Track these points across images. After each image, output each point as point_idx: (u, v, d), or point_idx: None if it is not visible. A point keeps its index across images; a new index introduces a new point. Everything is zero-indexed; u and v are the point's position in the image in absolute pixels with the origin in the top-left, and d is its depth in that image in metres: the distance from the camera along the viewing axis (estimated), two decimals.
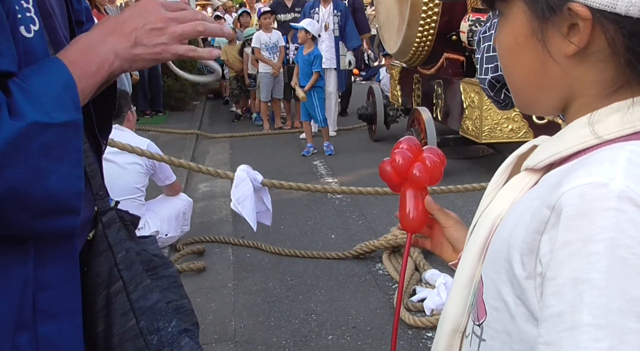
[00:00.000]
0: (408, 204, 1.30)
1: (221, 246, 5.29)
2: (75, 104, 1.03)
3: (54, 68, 1.04)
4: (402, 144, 1.33)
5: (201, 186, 7.18)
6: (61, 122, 0.99)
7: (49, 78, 1.02)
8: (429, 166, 1.29)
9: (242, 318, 4.04)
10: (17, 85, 0.98)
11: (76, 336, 1.15)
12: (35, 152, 0.96)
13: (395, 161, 1.30)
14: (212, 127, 10.79)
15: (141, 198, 4.64)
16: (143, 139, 4.63)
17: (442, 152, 1.36)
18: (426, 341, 3.66)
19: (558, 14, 0.80)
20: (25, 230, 1.03)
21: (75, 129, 1.03)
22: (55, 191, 1.00)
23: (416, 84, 8.17)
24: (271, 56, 10.28)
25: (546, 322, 0.72)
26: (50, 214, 1.02)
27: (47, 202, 1.00)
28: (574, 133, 0.83)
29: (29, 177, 0.96)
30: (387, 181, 1.32)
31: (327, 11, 9.78)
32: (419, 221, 1.30)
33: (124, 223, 1.30)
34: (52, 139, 0.98)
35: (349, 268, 4.74)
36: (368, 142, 9.19)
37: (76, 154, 1.03)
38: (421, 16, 6.92)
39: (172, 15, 1.13)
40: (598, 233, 0.69)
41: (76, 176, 1.04)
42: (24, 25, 1.04)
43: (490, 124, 6.36)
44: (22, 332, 1.05)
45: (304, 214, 6.04)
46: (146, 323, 1.26)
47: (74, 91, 1.03)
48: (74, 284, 1.14)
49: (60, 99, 1.01)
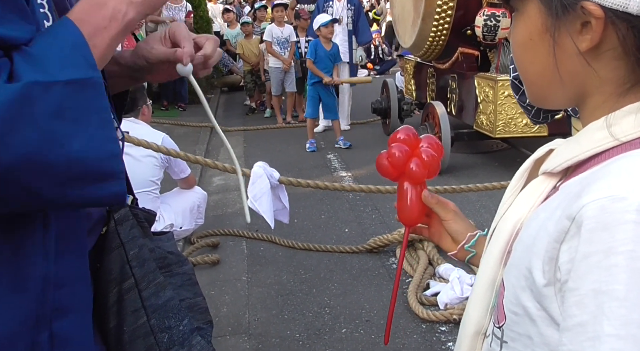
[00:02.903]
0: (405, 197, 1.30)
1: (235, 239, 5.31)
2: (89, 61, 0.97)
3: (61, 28, 0.99)
4: (400, 134, 1.32)
5: (215, 179, 7.21)
6: (69, 80, 0.93)
7: (54, 39, 0.97)
8: (426, 160, 1.28)
9: (256, 311, 4.06)
10: (20, 50, 0.94)
11: (87, 333, 1.15)
12: (43, 115, 0.90)
13: (392, 155, 1.29)
14: (226, 121, 10.80)
15: (156, 191, 4.67)
16: (158, 133, 4.66)
17: (439, 142, 1.35)
18: (439, 336, 3.66)
19: (571, 12, 0.81)
20: (60, 201, 0.98)
21: (93, 87, 0.96)
22: (80, 154, 0.94)
23: (430, 79, 8.15)
24: (282, 51, 10.28)
25: (569, 331, 0.74)
26: (83, 182, 0.96)
27: (74, 168, 0.94)
28: (590, 136, 0.84)
29: (42, 142, 0.90)
30: (385, 175, 1.32)
31: (341, 5, 9.76)
32: (416, 215, 1.30)
33: (138, 220, 1.29)
34: (63, 99, 0.92)
35: (363, 262, 4.75)
36: (382, 136, 9.17)
37: (100, 114, 0.97)
38: (436, 10, 6.90)
39: None
40: (618, 245, 0.71)
41: (105, 137, 0.97)
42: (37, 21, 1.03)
43: (505, 118, 6.33)
44: (41, 329, 1.05)
45: (318, 208, 6.06)
46: (157, 321, 1.25)
47: (84, 48, 0.97)
48: (85, 281, 1.14)
49: (68, 57, 0.95)
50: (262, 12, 12.59)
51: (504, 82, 6.21)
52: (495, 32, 6.44)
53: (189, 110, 11.43)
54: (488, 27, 6.45)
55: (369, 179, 6.87)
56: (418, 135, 1.33)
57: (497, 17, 6.42)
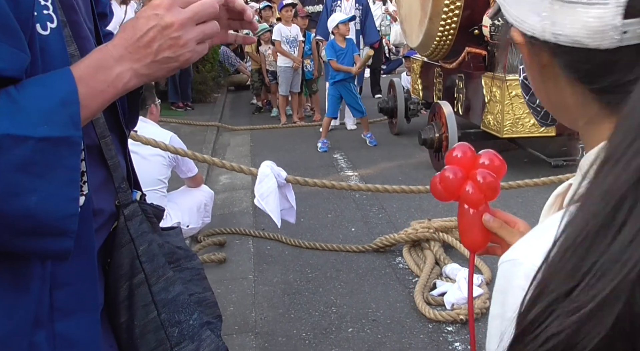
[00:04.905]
0: (465, 222, 1.20)
1: (242, 238, 5.32)
2: (74, 120, 0.96)
3: (58, 81, 0.99)
4: (456, 151, 1.22)
5: (222, 178, 7.22)
6: (44, 137, 0.92)
7: (47, 91, 0.96)
8: (482, 182, 1.17)
9: (263, 310, 4.07)
10: (8, 94, 0.93)
11: (94, 333, 1.15)
12: (8, 166, 0.90)
13: (445, 178, 1.20)
14: (233, 120, 10.82)
15: (163, 190, 4.68)
16: (166, 132, 4.67)
17: (501, 158, 1.23)
18: (446, 336, 3.66)
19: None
20: (9, 248, 0.98)
21: (69, 146, 0.96)
22: (36, 210, 0.93)
23: (437, 78, 8.13)
24: (291, 50, 10.27)
25: None
26: (33, 235, 0.96)
27: (26, 221, 0.94)
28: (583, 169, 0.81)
29: (0, 192, 0.91)
30: (440, 198, 1.23)
31: (349, 4, 9.77)
32: (481, 240, 1.19)
33: (147, 215, 1.30)
34: (32, 154, 0.92)
35: (369, 261, 4.75)
36: (388, 135, 9.17)
37: (68, 172, 0.96)
38: (443, 10, 6.88)
39: (188, 15, 1.05)
40: (507, 310, 0.69)
41: (66, 196, 0.97)
42: (39, 23, 1.02)
43: (512, 118, 6.31)
44: (39, 329, 1.05)
45: (324, 207, 6.06)
46: (167, 315, 1.26)
47: (74, 107, 0.97)
48: (92, 281, 1.14)
49: (53, 113, 0.95)
50: (267, 12, 12.52)
51: (511, 82, 6.20)
52: None
53: (195, 108, 11.45)
54: (496, 27, 6.43)
55: (375, 178, 6.88)
56: (475, 151, 1.23)
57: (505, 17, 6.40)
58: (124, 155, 1.33)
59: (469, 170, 1.20)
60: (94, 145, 1.19)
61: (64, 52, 1.08)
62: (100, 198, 1.19)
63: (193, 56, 1.07)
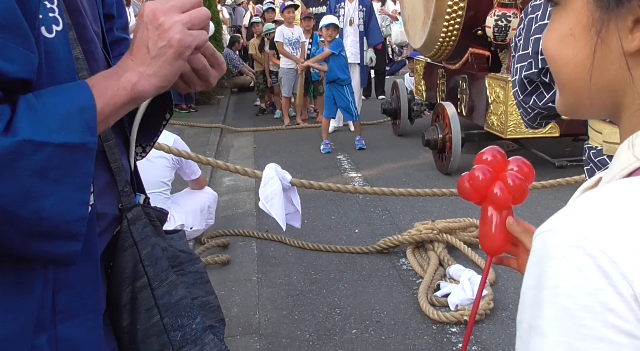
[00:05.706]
0: (488, 223, 1.20)
1: (245, 240, 5.32)
2: (90, 126, 0.99)
3: (75, 89, 1.01)
4: (486, 154, 1.22)
5: (225, 180, 7.22)
6: (62, 143, 0.95)
7: (64, 99, 0.98)
8: (512, 184, 1.18)
9: (266, 311, 4.06)
10: (27, 101, 0.95)
11: (96, 336, 1.15)
12: (27, 171, 0.92)
13: (474, 177, 1.20)
14: (236, 121, 10.83)
15: (167, 192, 4.69)
16: (169, 134, 4.67)
17: (530, 165, 1.25)
18: (450, 337, 3.66)
19: (626, 5, 0.71)
20: (20, 251, 0.99)
21: (85, 152, 0.98)
22: (50, 213, 0.96)
23: (441, 79, 8.13)
24: (294, 51, 10.27)
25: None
26: (46, 238, 0.98)
27: (40, 224, 0.96)
28: (618, 159, 0.77)
29: (18, 195, 0.92)
30: (466, 198, 1.24)
31: (352, 6, 9.78)
32: (500, 244, 1.20)
33: (150, 219, 1.30)
34: (51, 160, 0.94)
35: (373, 263, 4.75)
36: (392, 137, 9.17)
37: (82, 178, 0.99)
38: (447, 11, 6.88)
39: (170, 4, 1.07)
40: (546, 280, 0.68)
41: (78, 200, 0.99)
42: (45, 26, 1.02)
43: (516, 119, 6.30)
44: (41, 333, 1.05)
45: (328, 209, 6.06)
46: (170, 319, 1.26)
47: (90, 113, 0.99)
48: (95, 284, 1.14)
49: (70, 119, 0.97)
50: (271, 14, 12.53)
51: None
52: (506, 32, 6.43)
53: (198, 110, 11.47)
54: (499, 28, 6.43)
55: (378, 180, 6.88)
56: (506, 156, 1.24)
57: (508, 18, 6.40)
58: (127, 158, 1.32)
59: (499, 173, 1.21)
60: (98, 148, 1.19)
61: (69, 56, 1.08)
62: (104, 202, 1.19)
63: (185, 37, 1.06)
